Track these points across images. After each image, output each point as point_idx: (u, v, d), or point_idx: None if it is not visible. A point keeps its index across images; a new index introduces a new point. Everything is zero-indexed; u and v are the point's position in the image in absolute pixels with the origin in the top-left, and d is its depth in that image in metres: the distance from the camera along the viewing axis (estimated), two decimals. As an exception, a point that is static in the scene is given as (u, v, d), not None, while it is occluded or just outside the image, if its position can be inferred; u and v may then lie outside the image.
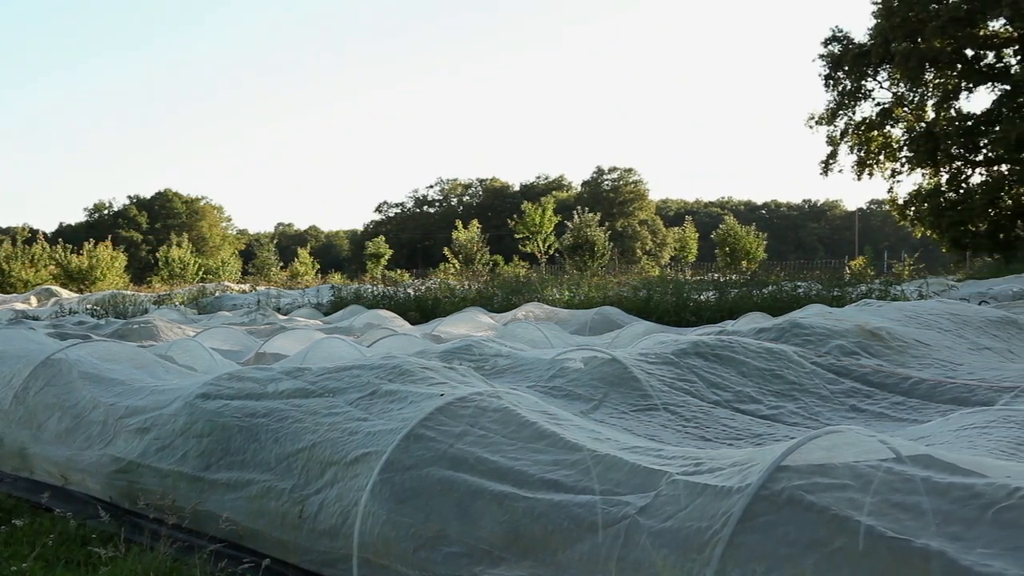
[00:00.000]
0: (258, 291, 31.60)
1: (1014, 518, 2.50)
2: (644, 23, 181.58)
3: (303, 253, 65.45)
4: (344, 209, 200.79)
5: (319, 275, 62.03)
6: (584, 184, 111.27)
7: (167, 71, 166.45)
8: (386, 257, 69.84)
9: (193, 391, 5.14)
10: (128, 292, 31.82)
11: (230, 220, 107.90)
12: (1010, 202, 47.72)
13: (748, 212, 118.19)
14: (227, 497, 4.33)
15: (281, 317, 18.72)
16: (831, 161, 53.50)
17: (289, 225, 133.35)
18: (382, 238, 76.68)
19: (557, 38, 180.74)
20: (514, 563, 3.25)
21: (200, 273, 53.08)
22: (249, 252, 76.47)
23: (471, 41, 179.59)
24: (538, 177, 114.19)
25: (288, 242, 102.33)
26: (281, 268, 63.86)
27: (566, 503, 3.27)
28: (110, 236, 52.18)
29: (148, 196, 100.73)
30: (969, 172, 50.45)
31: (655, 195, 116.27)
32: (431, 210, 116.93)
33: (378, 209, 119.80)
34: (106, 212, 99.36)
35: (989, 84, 49.67)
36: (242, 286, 38.75)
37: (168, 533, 4.24)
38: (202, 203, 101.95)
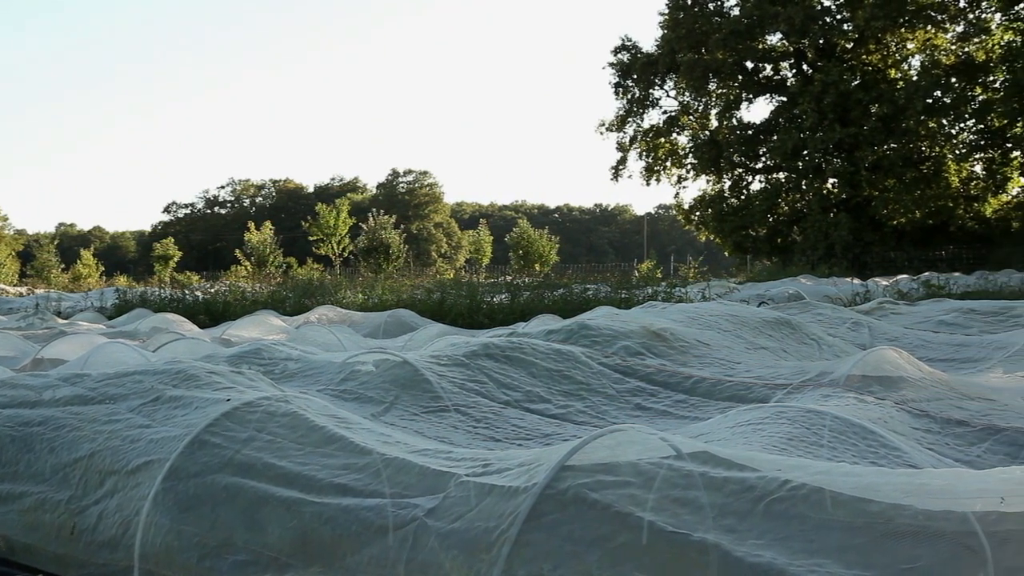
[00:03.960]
0: (37, 294, 30.22)
1: (783, 509, 2.61)
2: (440, 26, 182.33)
3: (86, 255, 62.89)
4: (131, 209, 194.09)
5: (104, 278, 59.76)
6: (379, 186, 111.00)
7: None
8: (175, 259, 67.88)
9: (-41, 401, 4.85)
10: None
11: (7, 220, 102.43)
12: (787, 208, 50.21)
13: (542, 216, 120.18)
14: (-3, 511, 4.11)
15: (62, 321, 17.88)
16: (621, 167, 55.07)
17: (71, 225, 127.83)
18: (171, 240, 74.45)
19: (352, 40, 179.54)
20: (302, 569, 3.21)
21: (-29, 276, 50.32)
22: (28, 253, 72.72)
23: (264, 41, 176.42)
24: (333, 179, 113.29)
25: (71, 243, 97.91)
26: (63, 270, 60.97)
27: (355, 507, 3.24)
28: None
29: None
30: (750, 179, 52.86)
31: (450, 198, 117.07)
32: (222, 211, 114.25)
33: (167, 210, 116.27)
34: None
35: (768, 95, 52.15)
36: (19, 289, 36.97)
37: (-68, 551, 4.00)
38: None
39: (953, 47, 47.40)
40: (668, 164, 54.08)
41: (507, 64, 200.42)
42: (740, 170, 52.42)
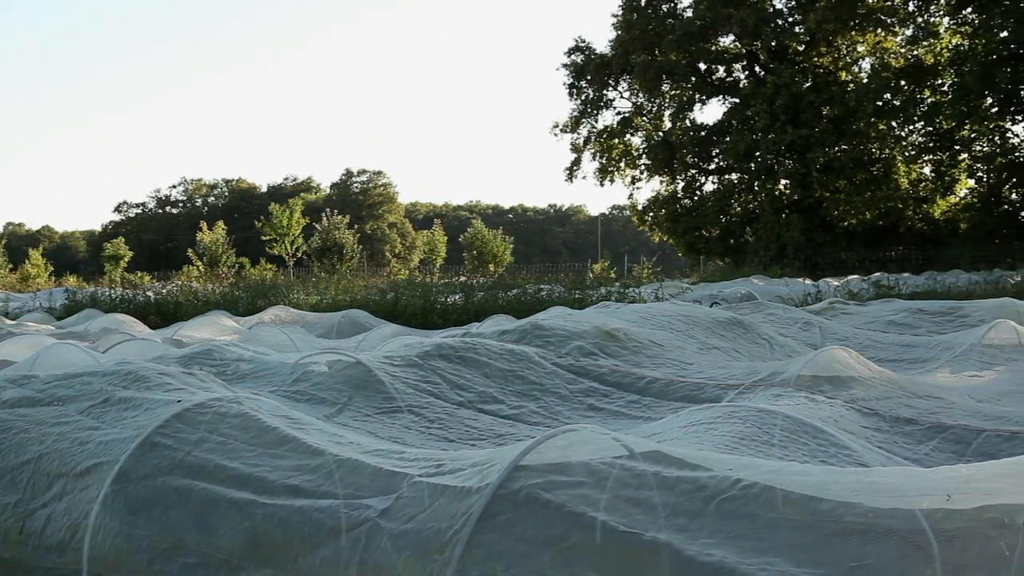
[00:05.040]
0: (-17, 294, 29.80)
1: (734, 508, 2.63)
2: (395, 27, 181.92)
3: (35, 254, 62.06)
4: (81, 209, 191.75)
5: (53, 278, 59.01)
6: (333, 186, 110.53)
7: None
8: (126, 259, 67.22)
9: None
10: None
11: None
12: (739, 209, 50.56)
13: (496, 216, 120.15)
14: (-58, 516, 4.05)
15: (9, 322, 17.61)
16: (575, 168, 55.19)
17: (20, 225, 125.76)
18: (122, 239, 73.64)
19: (306, 40, 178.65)
20: (254, 571, 3.19)
21: (-85, 276, 49.53)
22: (-27, 254, 71.85)
23: (217, 39, 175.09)
24: (286, 178, 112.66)
25: (19, 243, 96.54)
26: (11, 271, 60.15)
27: (307, 508, 3.23)
28: None
29: None
30: (703, 180, 53.19)
31: (404, 198, 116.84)
32: (174, 211, 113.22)
33: (118, 209, 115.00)
34: None
35: (720, 97, 52.53)
36: (-35, 289, 36.46)
37: None
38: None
39: (902, 50, 48.02)
40: (622, 165, 54.30)
41: (462, 64, 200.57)
42: (693, 171, 52.74)
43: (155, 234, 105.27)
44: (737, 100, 50.28)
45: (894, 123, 46.68)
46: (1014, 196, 45.24)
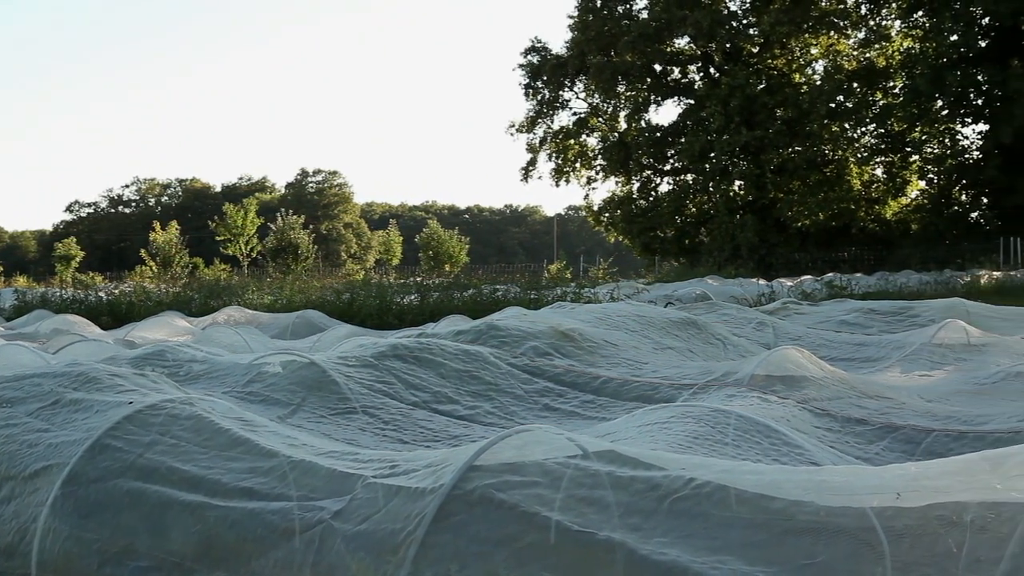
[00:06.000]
0: (-69, 295, 29.34)
1: (688, 507, 2.64)
2: (350, 26, 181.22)
3: (-17, 255, 61.27)
4: (31, 208, 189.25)
5: (2, 278, 58.21)
6: (288, 186, 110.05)
7: None
8: (78, 259, 66.52)
9: None
10: None
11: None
12: (694, 210, 50.94)
13: (452, 216, 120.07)
14: None
15: (-44, 323, 17.40)
16: (531, 168, 55.33)
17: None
18: (73, 239, 72.86)
19: (261, 38, 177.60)
20: (206, 574, 3.16)
21: None
22: (-80, 254, 70.76)
23: (171, 38, 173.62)
24: (241, 178, 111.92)
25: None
26: (-42, 271, 59.44)
27: (261, 510, 3.21)
28: None
29: None
30: (658, 181, 53.50)
31: (360, 198, 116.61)
32: (127, 211, 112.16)
33: (69, 209, 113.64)
34: None
35: (676, 98, 52.87)
36: (-88, 289, 35.85)
37: None
38: None
39: (855, 53, 48.61)
40: (577, 165, 54.49)
41: (418, 64, 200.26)
42: (649, 172, 53.03)
43: (107, 234, 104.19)
44: (692, 101, 50.63)
45: (847, 125, 47.23)
46: (964, 198, 45.90)
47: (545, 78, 53.42)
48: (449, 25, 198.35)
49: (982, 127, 43.44)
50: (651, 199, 52.53)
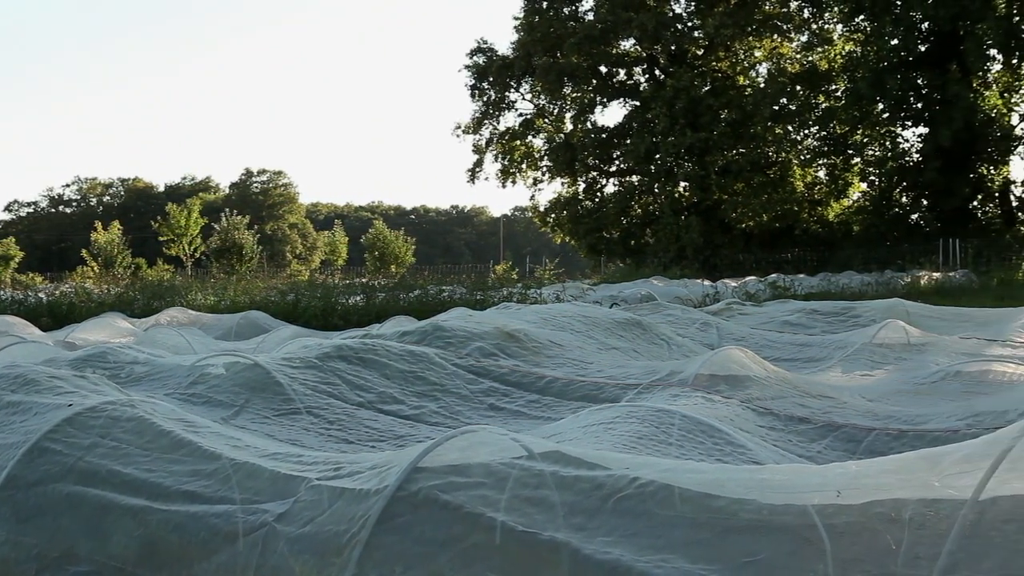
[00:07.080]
0: None
1: (631, 506, 2.65)
2: (295, 26, 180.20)
3: (-82, 254, 60.21)
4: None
5: (-62, 279, 57.18)
6: (232, 186, 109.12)
7: None
8: (17, 260, 65.56)
9: None
10: None
11: None
12: (639, 211, 51.19)
13: (398, 217, 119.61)
14: None
15: None
16: (477, 169, 55.25)
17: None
18: (12, 239, 71.84)
19: (205, 38, 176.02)
20: (148, 578, 3.14)
21: None
22: None
23: (113, 37, 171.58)
24: (184, 178, 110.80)
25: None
26: None
27: (204, 514, 3.18)
28: None
29: None
30: (604, 182, 53.69)
31: (305, 199, 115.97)
32: (68, 210, 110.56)
33: (8, 208, 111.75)
34: None
35: (621, 100, 53.06)
36: None
37: None
38: None
39: (798, 56, 49.16)
40: (524, 166, 54.49)
41: (363, 64, 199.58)
42: (594, 173, 53.19)
43: (47, 234, 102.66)
44: (637, 103, 50.85)
45: (790, 127, 47.78)
46: (904, 200, 46.53)
47: (491, 79, 53.37)
48: (395, 25, 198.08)
49: (922, 130, 44.08)
50: (597, 200, 52.68)
